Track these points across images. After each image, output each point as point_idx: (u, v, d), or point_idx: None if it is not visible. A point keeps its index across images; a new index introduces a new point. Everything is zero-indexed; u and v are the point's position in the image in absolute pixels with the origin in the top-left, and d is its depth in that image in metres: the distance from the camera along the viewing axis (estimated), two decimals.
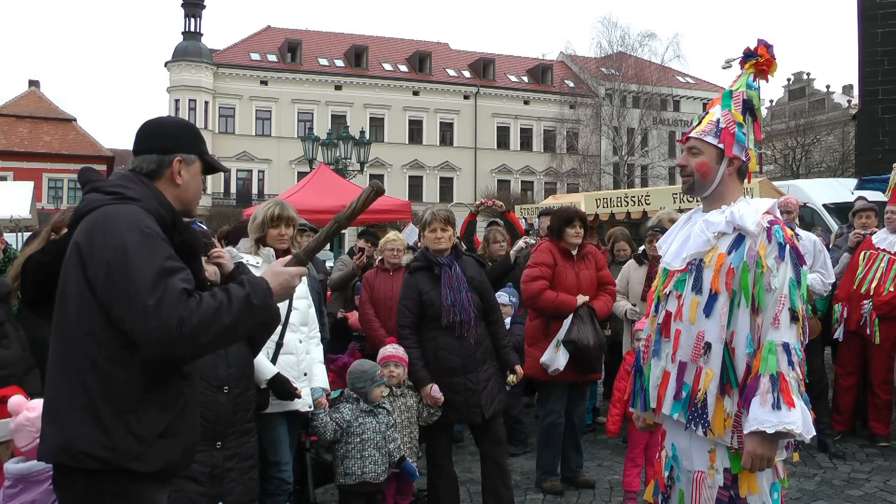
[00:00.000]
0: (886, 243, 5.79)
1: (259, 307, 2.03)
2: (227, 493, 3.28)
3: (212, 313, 1.92)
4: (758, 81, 2.73)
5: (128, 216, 2.01)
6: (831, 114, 44.06)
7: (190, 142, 2.25)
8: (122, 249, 1.94)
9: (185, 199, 2.25)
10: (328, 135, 17.12)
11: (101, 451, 1.96)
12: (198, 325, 1.90)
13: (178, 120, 2.36)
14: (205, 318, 1.91)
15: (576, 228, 4.95)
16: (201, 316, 1.91)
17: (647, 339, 2.75)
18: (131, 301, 1.90)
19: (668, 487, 2.65)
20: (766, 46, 2.68)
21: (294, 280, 2.18)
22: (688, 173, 2.64)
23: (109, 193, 2.11)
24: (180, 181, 2.21)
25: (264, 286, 2.08)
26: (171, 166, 2.20)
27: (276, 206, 3.98)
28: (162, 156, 2.19)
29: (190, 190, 2.25)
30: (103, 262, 1.96)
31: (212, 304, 1.94)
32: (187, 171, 2.23)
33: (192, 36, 42.50)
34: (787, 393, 2.30)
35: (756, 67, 2.69)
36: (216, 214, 32.02)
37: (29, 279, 2.26)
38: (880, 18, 13.69)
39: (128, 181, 2.15)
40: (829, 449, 5.65)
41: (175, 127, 2.28)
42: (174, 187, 2.21)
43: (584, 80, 46.92)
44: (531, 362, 4.94)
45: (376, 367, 4.26)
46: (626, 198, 10.98)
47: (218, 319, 1.93)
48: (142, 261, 1.93)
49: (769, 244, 2.42)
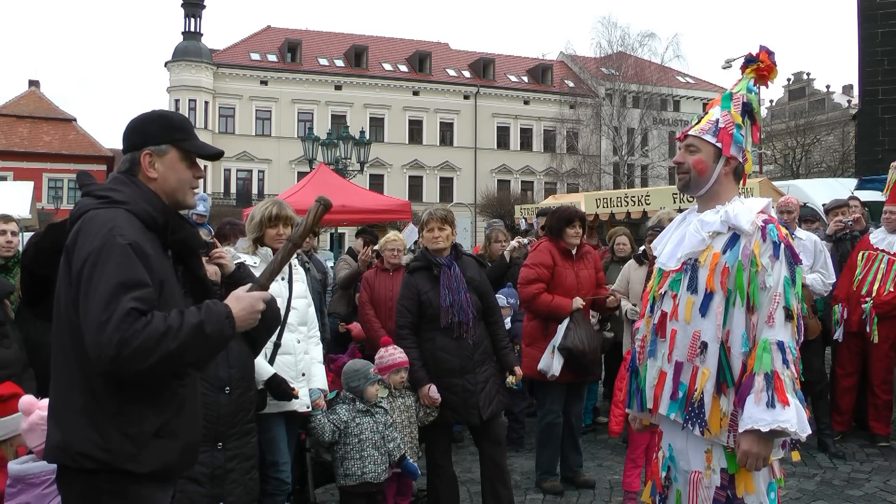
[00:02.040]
0: (885, 243, 5.78)
1: (211, 336, 1.97)
2: (227, 493, 3.28)
3: (156, 338, 1.88)
4: (758, 86, 2.73)
5: (105, 223, 2.01)
6: (831, 114, 44.08)
7: (157, 133, 2.20)
8: (90, 259, 1.95)
9: (168, 191, 2.21)
10: (328, 135, 17.12)
11: (96, 452, 1.98)
12: (138, 348, 1.86)
13: (148, 113, 2.29)
14: (147, 342, 1.87)
15: (575, 228, 4.94)
16: (143, 339, 1.87)
17: (642, 339, 2.75)
18: (87, 313, 1.91)
19: (665, 488, 2.66)
20: (768, 53, 2.69)
21: (258, 304, 2.12)
22: (684, 170, 2.64)
23: (98, 197, 2.11)
24: (154, 174, 2.19)
25: (223, 313, 2.02)
26: (141, 161, 2.18)
27: (273, 205, 3.96)
28: (133, 153, 2.20)
29: (169, 181, 2.21)
30: (77, 269, 1.98)
31: (159, 327, 1.89)
32: (161, 163, 2.19)
33: (192, 36, 42.52)
34: (782, 391, 2.30)
35: (757, 73, 2.70)
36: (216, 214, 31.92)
37: (25, 276, 2.27)
38: (880, 18, 13.69)
39: (118, 183, 2.16)
40: (829, 449, 5.64)
41: (143, 121, 2.24)
42: (152, 182, 2.19)
43: (584, 80, 46.93)
44: (529, 362, 4.94)
45: (369, 366, 4.25)
46: (626, 198, 10.98)
47: (161, 344, 1.89)
48: (102, 274, 1.93)
49: (764, 243, 2.43)
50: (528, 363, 4.94)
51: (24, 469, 2.68)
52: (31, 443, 2.71)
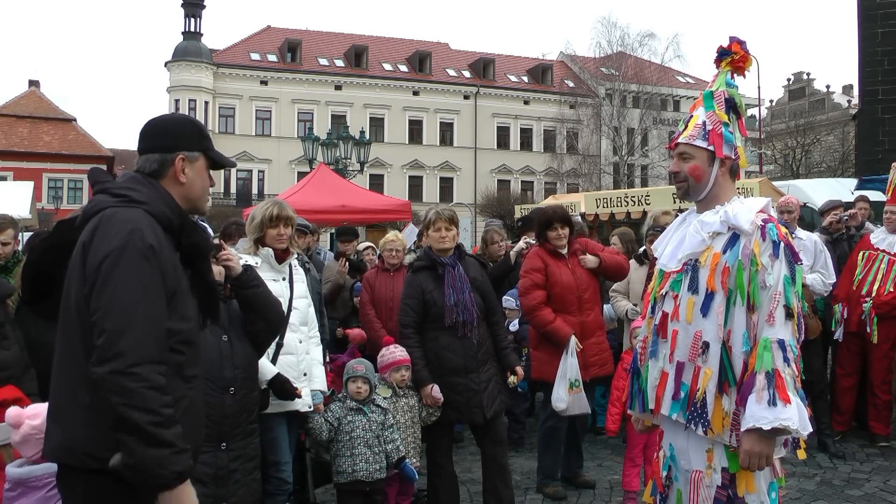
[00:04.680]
0: (886, 244, 5.78)
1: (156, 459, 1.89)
2: (231, 494, 3.28)
3: (149, 405, 1.88)
4: (735, 78, 2.72)
5: (126, 223, 2.01)
6: (831, 114, 44.10)
7: (193, 139, 2.23)
8: (110, 257, 1.95)
9: (192, 197, 2.23)
10: (328, 135, 17.12)
11: (101, 452, 1.97)
12: (135, 391, 1.87)
13: (180, 117, 2.32)
14: (143, 397, 1.87)
15: (556, 231, 4.86)
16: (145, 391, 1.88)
17: (644, 340, 2.76)
18: (105, 314, 1.92)
19: (665, 487, 2.66)
20: (740, 43, 2.68)
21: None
22: (682, 179, 2.65)
23: (117, 196, 2.10)
24: (184, 179, 2.20)
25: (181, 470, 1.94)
26: (174, 165, 2.18)
27: (273, 205, 3.96)
28: (164, 154, 2.18)
29: (195, 188, 2.23)
30: (94, 266, 1.97)
31: (157, 402, 1.89)
32: (191, 169, 2.21)
33: (192, 36, 42.50)
34: (783, 389, 2.31)
35: (733, 65, 2.69)
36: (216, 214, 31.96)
37: (25, 277, 2.27)
38: (880, 18, 13.68)
39: (136, 183, 2.14)
40: (829, 449, 5.65)
41: (177, 124, 2.25)
42: (179, 186, 2.19)
43: (584, 80, 46.91)
44: (536, 365, 4.93)
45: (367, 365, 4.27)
46: (626, 198, 11.00)
47: (146, 413, 1.87)
48: (121, 277, 1.94)
49: (763, 242, 2.44)
50: (535, 366, 4.93)
51: (25, 472, 2.65)
52: (27, 453, 2.69)
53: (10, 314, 4.00)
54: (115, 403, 1.88)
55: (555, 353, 4.76)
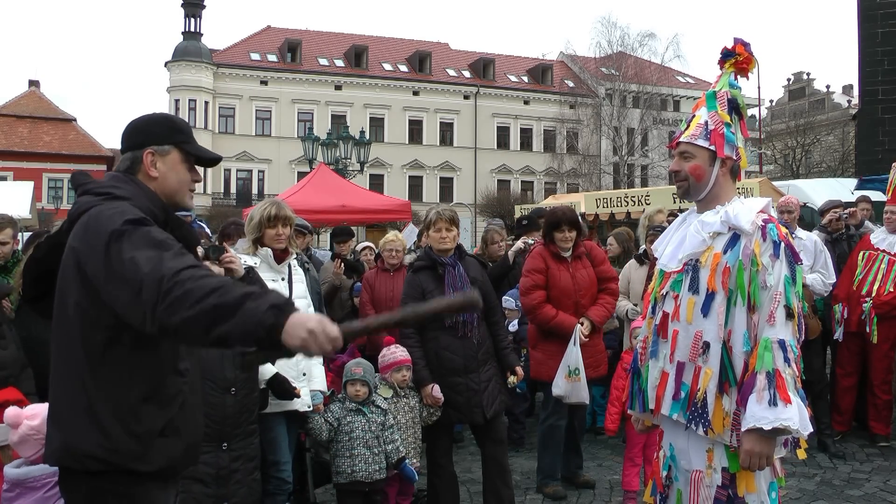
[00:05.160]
0: (886, 244, 5.78)
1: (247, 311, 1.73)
2: (232, 494, 3.29)
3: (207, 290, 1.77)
4: (739, 80, 2.73)
5: (114, 214, 2.00)
6: (831, 114, 44.12)
7: (162, 133, 2.24)
8: (114, 236, 1.92)
9: (168, 191, 2.23)
10: (328, 135, 17.14)
11: (102, 453, 1.97)
12: (188, 292, 1.76)
13: (152, 115, 2.33)
14: (198, 291, 1.76)
15: (564, 233, 4.85)
16: (196, 285, 1.78)
17: (644, 340, 2.76)
18: (135, 275, 1.84)
19: (666, 487, 2.66)
20: (744, 44, 2.69)
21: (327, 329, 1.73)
22: (682, 178, 2.65)
23: (100, 195, 2.12)
24: (156, 173, 2.21)
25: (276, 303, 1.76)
26: (143, 160, 2.20)
27: (272, 205, 3.96)
28: (135, 151, 2.21)
29: (170, 181, 2.23)
30: (100, 252, 1.93)
31: (212, 280, 1.80)
32: (163, 163, 2.21)
33: (192, 36, 42.47)
34: (784, 389, 2.31)
35: (736, 66, 2.70)
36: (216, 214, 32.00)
37: (26, 275, 2.27)
38: (880, 18, 13.68)
39: (117, 181, 2.17)
40: (829, 449, 5.65)
41: (148, 122, 2.27)
42: (152, 181, 2.21)
43: (584, 80, 46.89)
44: (534, 365, 4.92)
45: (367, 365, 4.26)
46: (626, 198, 11.02)
47: (208, 298, 1.76)
48: (133, 242, 1.90)
49: (764, 242, 2.44)
50: (534, 366, 4.93)
51: (23, 473, 2.64)
52: (26, 453, 2.68)
53: (9, 314, 4.00)
54: (185, 328, 1.77)
55: (553, 353, 4.76)
